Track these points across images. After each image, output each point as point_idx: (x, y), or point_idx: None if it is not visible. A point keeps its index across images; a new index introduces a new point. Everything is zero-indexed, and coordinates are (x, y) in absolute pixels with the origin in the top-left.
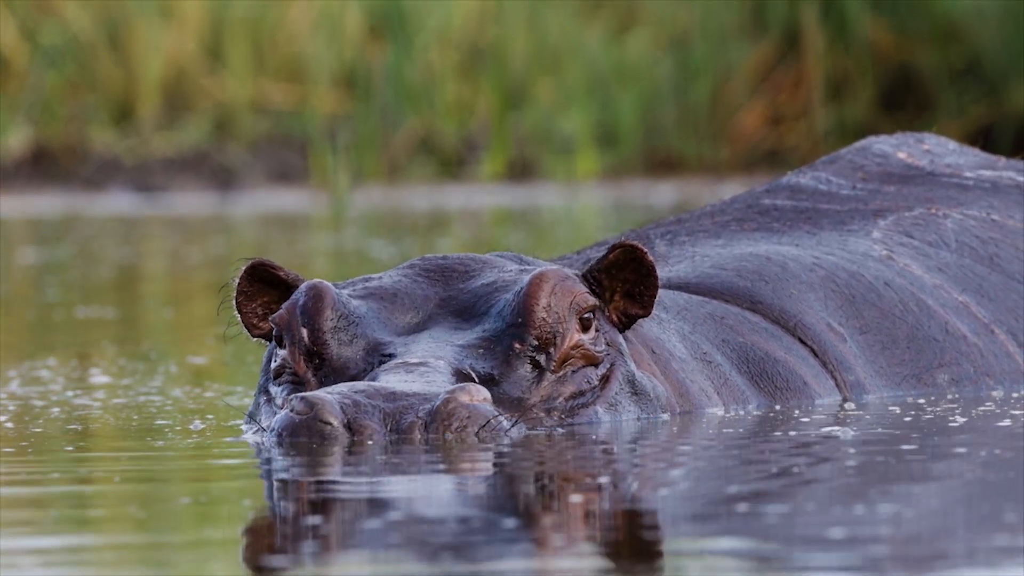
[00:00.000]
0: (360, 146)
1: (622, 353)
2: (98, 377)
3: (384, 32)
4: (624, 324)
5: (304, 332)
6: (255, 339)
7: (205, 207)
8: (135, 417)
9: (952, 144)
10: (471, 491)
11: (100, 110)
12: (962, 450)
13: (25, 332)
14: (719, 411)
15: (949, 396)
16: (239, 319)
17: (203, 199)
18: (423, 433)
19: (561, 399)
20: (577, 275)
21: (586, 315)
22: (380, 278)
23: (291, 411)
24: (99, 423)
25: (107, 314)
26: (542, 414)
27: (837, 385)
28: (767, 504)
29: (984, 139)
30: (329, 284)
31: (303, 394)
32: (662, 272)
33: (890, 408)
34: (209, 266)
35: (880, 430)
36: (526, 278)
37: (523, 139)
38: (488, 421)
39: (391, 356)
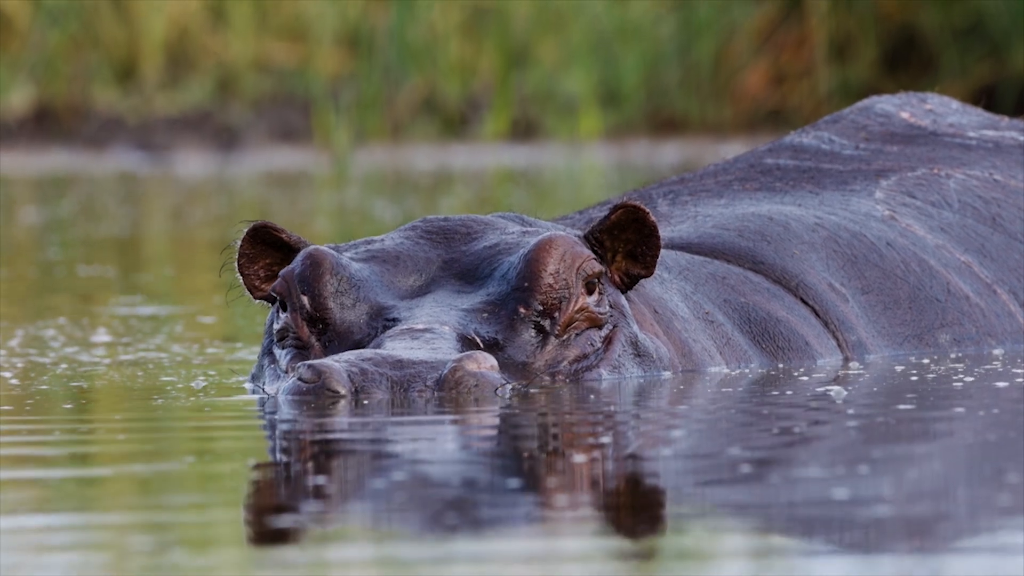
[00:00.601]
0: (363, 105)
1: (624, 315)
2: (100, 336)
3: None
4: (626, 284)
5: (305, 300)
6: (257, 301)
7: (207, 166)
8: (139, 375)
9: (955, 104)
10: (474, 449)
11: (103, 69)
12: (963, 410)
13: (27, 290)
14: (723, 370)
15: (952, 356)
16: (241, 281)
17: (206, 158)
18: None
19: (565, 363)
20: (579, 236)
21: (592, 280)
22: (382, 240)
23: (299, 379)
24: (103, 380)
25: (108, 272)
26: (547, 378)
27: (839, 345)
28: (778, 465)
29: (987, 99)
30: (327, 250)
31: (311, 362)
32: (664, 232)
33: (895, 368)
34: (211, 225)
35: (882, 390)
36: (531, 242)
37: (526, 99)
38: (496, 389)
39: (395, 320)
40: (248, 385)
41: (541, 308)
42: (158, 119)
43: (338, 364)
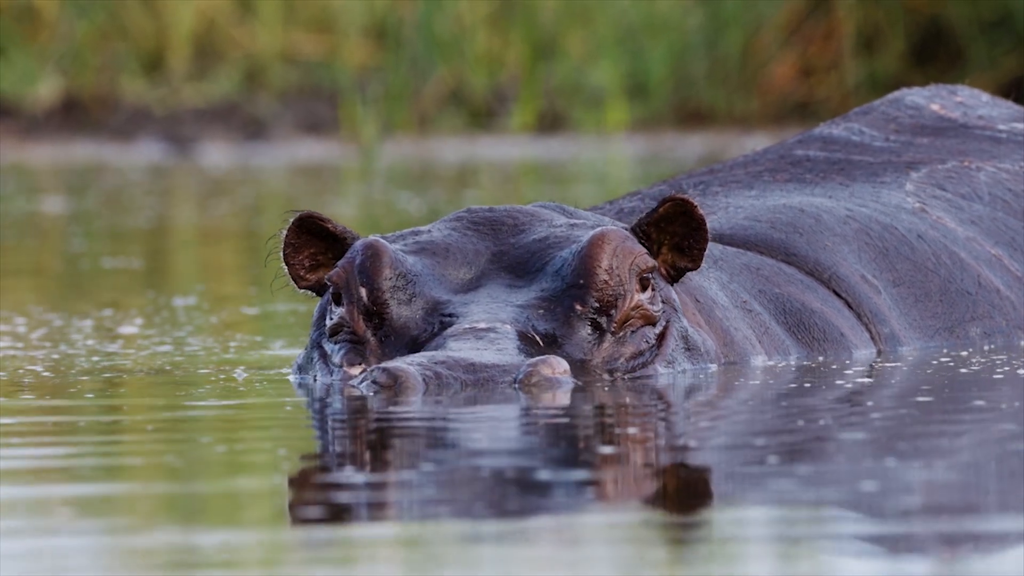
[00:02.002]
0: (390, 97)
1: (675, 309)
2: (127, 327)
3: None
4: (672, 277)
5: (363, 291)
6: (301, 291)
7: (234, 158)
8: (167, 367)
9: (985, 96)
10: (526, 439)
11: (130, 60)
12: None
13: (54, 282)
14: (768, 361)
15: (985, 348)
16: (286, 271)
17: (233, 150)
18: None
19: (622, 360)
20: (626, 228)
21: (645, 275)
22: (429, 232)
23: (373, 381)
24: (136, 373)
25: (133, 264)
26: (604, 375)
27: (872, 338)
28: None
29: (1016, 91)
30: (385, 242)
31: (385, 365)
32: None
33: (935, 360)
34: (238, 217)
35: (939, 382)
36: (584, 238)
37: (553, 91)
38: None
39: (452, 316)
40: (294, 377)
41: (597, 305)
42: (185, 110)
43: (412, 368)
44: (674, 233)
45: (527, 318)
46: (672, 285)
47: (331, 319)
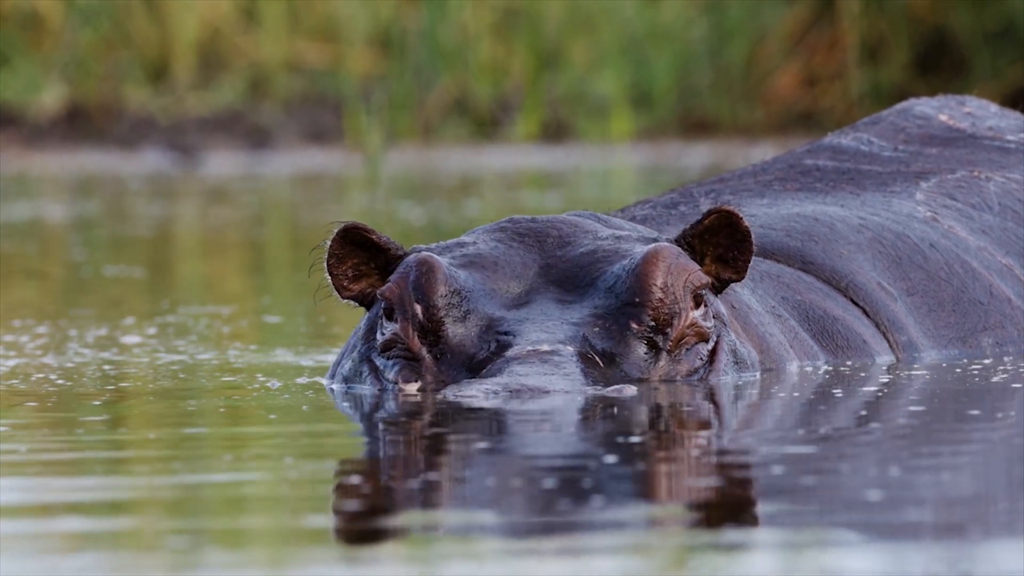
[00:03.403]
0: (394, 106)
1: (724, 323)
2: (130, 336)
3: None
4: (716, 288)
5: (418, 308)
6: (345, 300)
7: (239, 167)
8: (182, 376)
9: (993, 107)
10: (575, 442)
11: (135, 68)
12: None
13: (56, 290)
14: (804, 367)
15: (1006, 359)
16: (330, 281)
17: (237, 159)
18: None
19: (678, 378)
20: (669, 240)
21: (699, 292)
22: (475, 243)
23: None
24: (159, 383)
25: (135, 273)
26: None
27: (890, 345)
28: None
29: (1021, 103)
30: (438, 257)
31: (456, 391)
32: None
33: (959, 370)
34: (242, 226)
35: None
36: (637, 254)
37: (557, 100)
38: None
39: (507, 335)
40: (336, 386)
41: (653, 324)
42: (189, 119)
43: (483, 395)
44: (718, 244)
45: (584, 337)
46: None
47: (382, 334)
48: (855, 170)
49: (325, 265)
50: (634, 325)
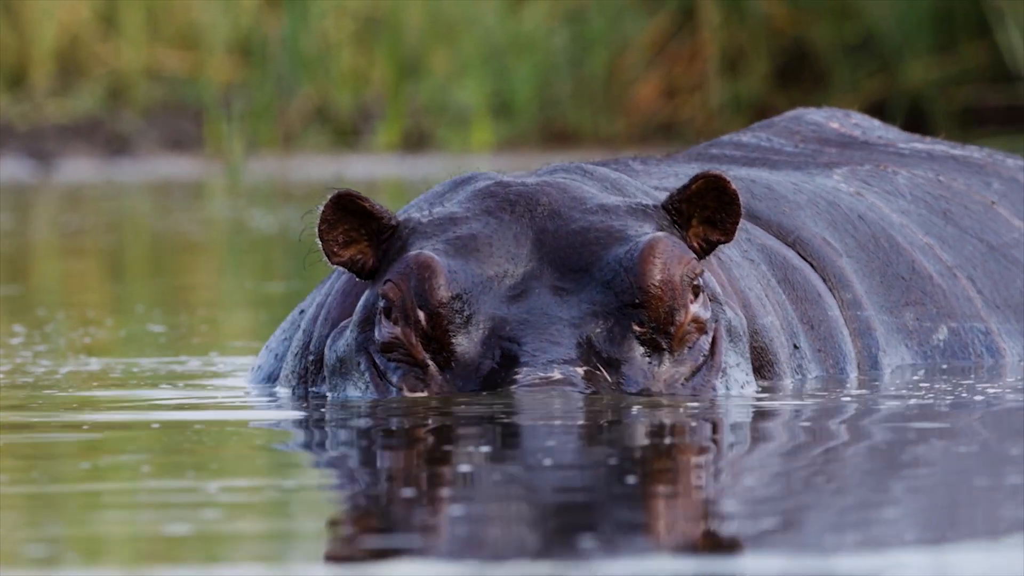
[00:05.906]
0: (255, 114)
1: (719, 302)
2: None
3: (280, 0)
4: (704, 251)
5: (421, 315)
6: (334, 265)
7: (98, 174)
8: (133, 382)
9: (876, 121)
10: (573, 457)
11: None
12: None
13: None
14: (775, 321)
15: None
16: (320, 246)
17: (96, 166)
18: None
19: (682, 380)
20: (655, 206)
21: (696, 281)
22: (467, 220)
23: None
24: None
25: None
26: (666, 400)
27: (837, 301)
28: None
29: (878, 115)
30: (437, 258)
31: None
32: (650, 184)
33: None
34: (100, 233)
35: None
36: (636, 248)
37: (418, 109)
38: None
39: (511, 341)
40: (328, 369)
41: (655, 324)
42: (48, 126)
43: None
44: (706, 207)
45: (589, 346)
46: (701, 259)
47: (381, 332)
48: (763, 160)
49: (317, 230)
50: (636, 328)
